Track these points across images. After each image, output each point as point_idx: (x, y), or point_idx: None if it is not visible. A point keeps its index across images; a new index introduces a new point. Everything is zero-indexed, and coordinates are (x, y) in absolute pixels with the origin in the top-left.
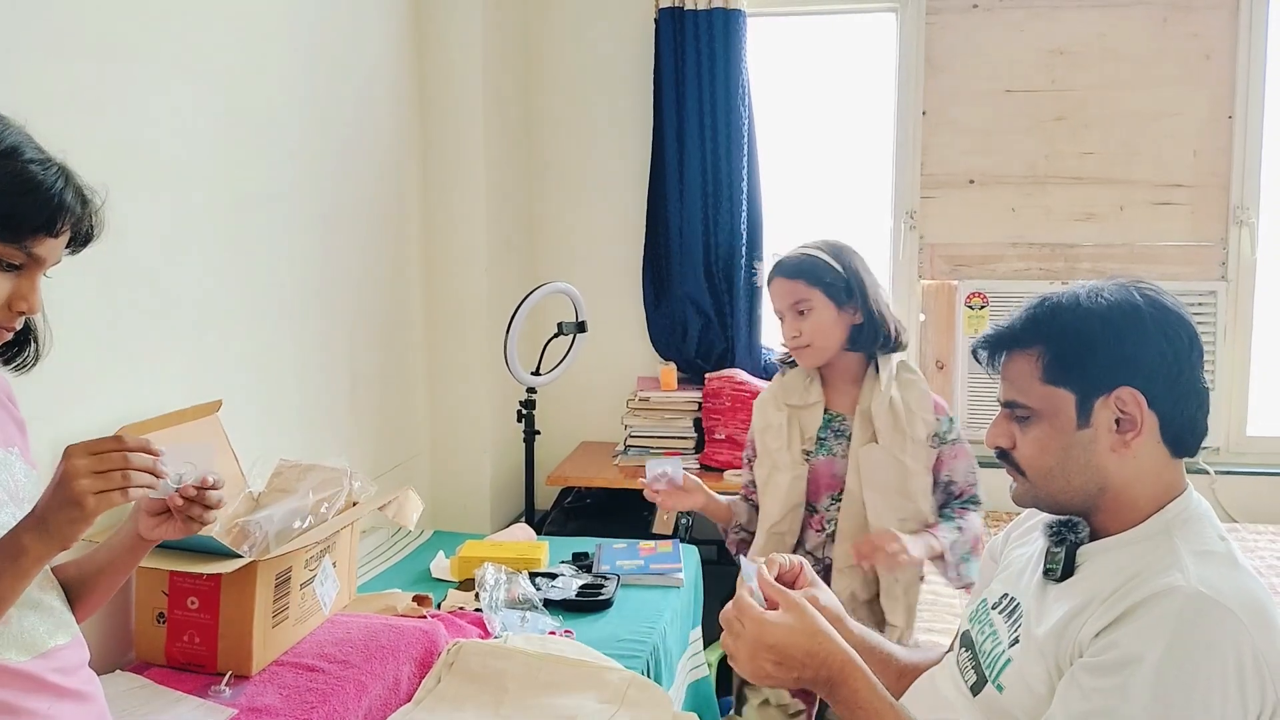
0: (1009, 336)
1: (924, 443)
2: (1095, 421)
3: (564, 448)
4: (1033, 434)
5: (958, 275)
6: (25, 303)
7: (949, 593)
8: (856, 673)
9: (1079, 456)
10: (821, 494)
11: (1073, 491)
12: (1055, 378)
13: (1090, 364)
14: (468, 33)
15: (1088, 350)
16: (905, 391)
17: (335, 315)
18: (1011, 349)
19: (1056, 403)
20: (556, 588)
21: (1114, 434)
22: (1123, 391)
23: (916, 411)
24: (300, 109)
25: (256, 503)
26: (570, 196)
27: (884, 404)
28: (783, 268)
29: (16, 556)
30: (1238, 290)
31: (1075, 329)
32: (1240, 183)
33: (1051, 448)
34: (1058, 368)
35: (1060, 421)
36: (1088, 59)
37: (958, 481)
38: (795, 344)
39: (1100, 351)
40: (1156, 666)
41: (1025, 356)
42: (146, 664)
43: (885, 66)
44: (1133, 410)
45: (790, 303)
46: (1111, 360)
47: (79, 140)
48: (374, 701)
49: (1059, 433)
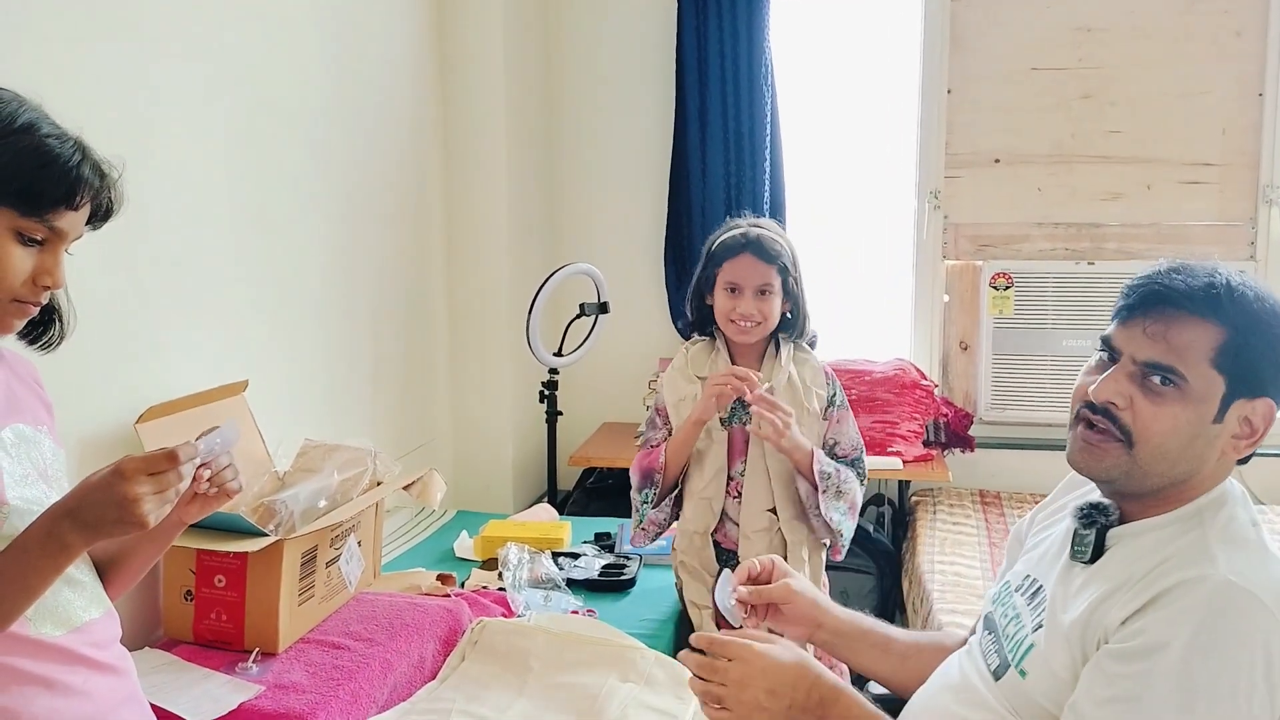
0: (1188, 296)
1: (818, 415)
2: (1227, 420)
3: (586, 428)
4: (1168, 409)
5: (982, 256)
6: (50, 277)
7: (971, 573)
8: (846, 694)
9: (1200, 448)
10: (735, 460)
11: (1167, 479)
12: (1224, 364)
13: (1260, 364)
14: (489, 15)
15: (1265, 350)
16: (800, 368)
17: (359, 296)
18: (1189, 311)
19: (1211, 388)
20: (579, 567)
21: (1231, 438)
22: (1262, 402)
23: (811, 386)
24: (324, 93)
25: (282, 482)
26: (592, 177)
27: (783, 379)
28: (757, 249)
29: (58, 554)
30: (1267, 270)
31: (1260, 324)
32: (1270, 161)
33: (1183, 430)
34: (1232, 354)
35: (1205, 409)
36: (1115, 36)
37: (842, 443)
38: (748, 320)
39: (1271, 353)
40: (1183, 654)
41: (1204, 327)
42: (174, 641)
43: (909, 44)
44: (1258, 422)
45: (758, 284)
46: (1273, 366)
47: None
48: (399, 679)
49: (1198, 419)
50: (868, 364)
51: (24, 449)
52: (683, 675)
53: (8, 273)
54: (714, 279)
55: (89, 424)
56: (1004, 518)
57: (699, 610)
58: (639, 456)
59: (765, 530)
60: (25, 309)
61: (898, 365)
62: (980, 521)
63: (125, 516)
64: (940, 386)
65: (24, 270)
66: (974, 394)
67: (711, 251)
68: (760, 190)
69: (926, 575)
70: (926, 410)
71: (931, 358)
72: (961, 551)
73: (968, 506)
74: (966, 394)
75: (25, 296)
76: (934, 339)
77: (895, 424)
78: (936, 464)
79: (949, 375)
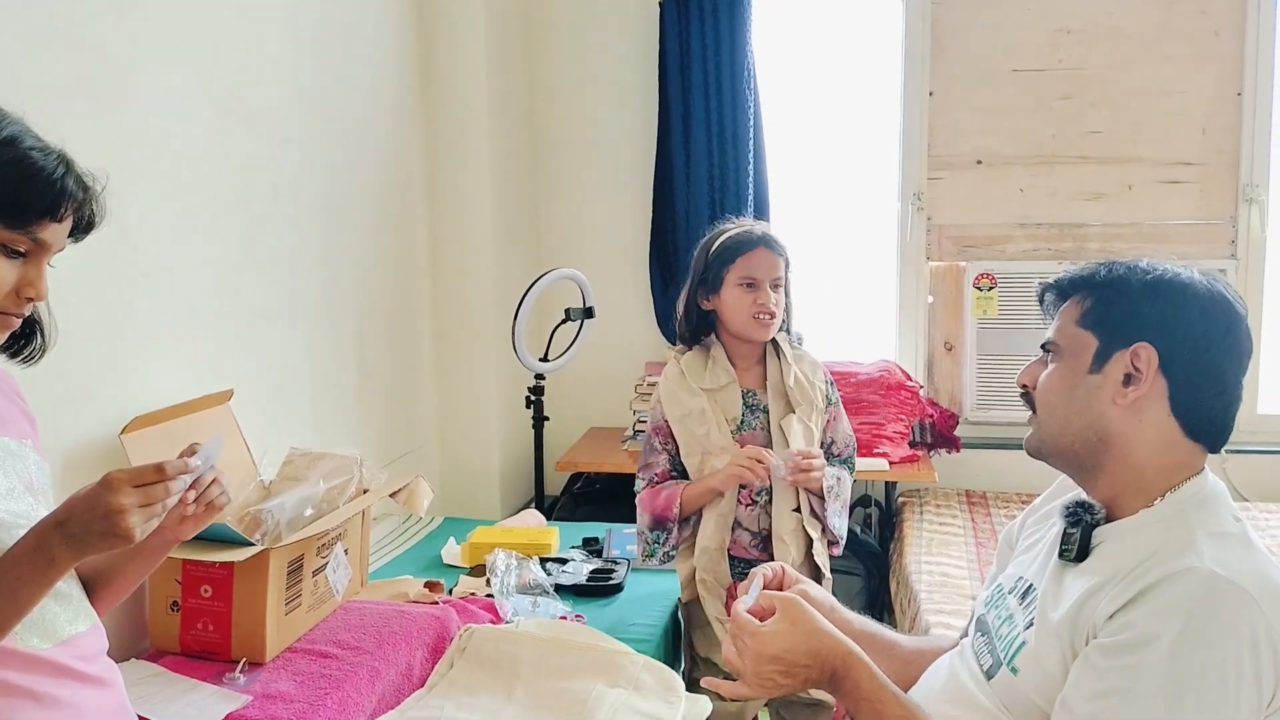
0: (1070, 281)
1: (822, 410)
2: (1107, 371)
3: (573, 433)
4: (1050, 372)
5: (965, 257)
6: (33, 289)
7: (959, 574)
8: (858, 664)
9: (1081, 398)
10: None
11: (1072, 435)
12: (1088, 322)
13: (1121, 315)
14: (472, 21)
15: (1123, 302)
16: (801, 364)
17: (344, 304)
18: (1069, 294)
19: (1080, 344)
20: (567, 573)
21: (1119, 386)
22: (1139, 346)
23: (815, 381)
24: (306, 102)
25: (268, 491)
26: (577, 182)
27: (793, 378)
28: (771, 243)
29: (46, 568)
30: (1248, 268)
31: (1122, 282)
32: (1250, 160)
33: (1060, 385)
34: (1093, 314)
35: (1077, 363)
36: (1095, 37)
37: (838, 441)
38: (767, 312)
39: (1134, 306)
40: (1171, 647)
41: (1074, 301)
42: (161, 652)
43: (891, 47)
44: (1143, 367)
45: (773, 276)
46: (1141, 316)
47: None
48: (387, 687)
49: (1071, 373)
50: (853, 365)
51: (9, 463)
52: (671, 680)
53: None
54: (722, 279)
55: (73, 436)
56: (990, 518)
57: (723, 626)
58: (647, 495)
59: (795, 531)
60: (8, 321)
61: (883, 366)
62: (967, 522)
63: (111, 529)
64: (925, 387)
65: (7, 282)
66: (959, 394)
67: (719, 251)
68: (744, 193)
69: (914, 576)
70: (912, 411)
71: (916, 359)
72: (948, 552)
73: (954, 507)
74: (951, 395)
75: (8, 308)
76: (919, 340)
77: (881, 425)
78: (923, 465)
79: (934, 376)
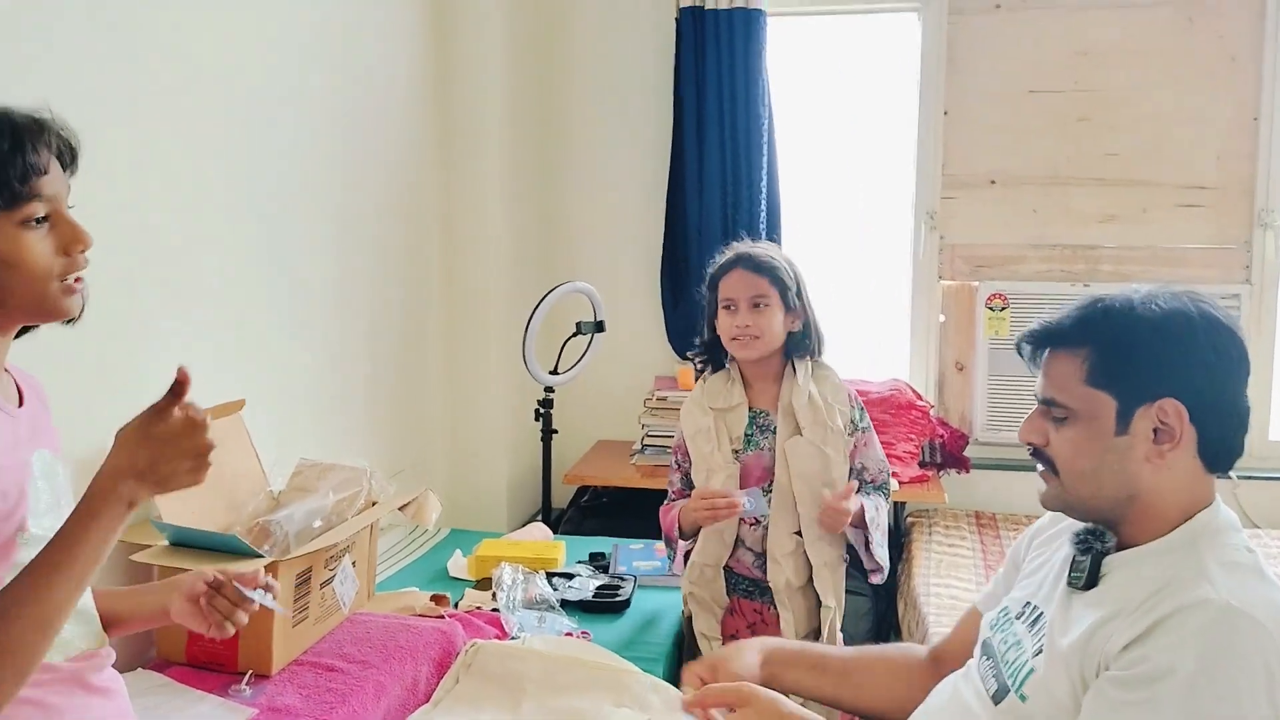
0: (1057, 334)
1: (842, 432)
2: (1134, 429)
3: (581, 446)
4: (1068, 434)
5: (978, 276)
6: (79, 241)
7: (967, 596)
8: None
9: (1114, 463)
10: (753, 488)
11: (1103, 498)
12: (1099, 381)
13: (1136, 371)
14: (488, 32)
15: (1135, 357)
16: (821, 385)
17: (354, 315)
18: (1057, 347)
19: (1097, 406)
20: (574, 588)
21: (1151, 444)
22: (1165, 403)
23: (834, 404)
24: (320, 113)
25: (277, 502)
26: (589, 196)
27: (804, 399)
28: (748, 262)
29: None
30: (1261, 293)
31: (1126, 334)
32: (1265, 185)
33: (1087, 451)
34: (1102, 371)
35: (1099, 426)
36: (1111, 60)
37: (870, 468)
38: (745, 334)
39: (1148, 359)
40: (1188, 680)
41: (1070, 356)
42: (167, 662)
43: (907, 66)
44: (1173, 422)
45: (749, 295)
46: (1158, 369)
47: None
48: (393, 702)
49: (1096, 437)
50: (864, 384)
51: (49, 476)
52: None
53: (38, 261)
54: (715, 304)
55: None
56: (1000, 539)
57: (708, 641)
58: (663, 510)
59: (792, 554)
60: (73, 286)
61: (894, 385)
62: (976, 543)
63: (200, 466)
64: (936, 407)
65: (48, 251)
66: (969, 415)
67: (709, 277)
68: (757, 210)
69: (922, 598)
70: (922, 431)
71: (927, 378)
72: (957, 574)
73: (963, 528)
74: (962, 415)
75: (66, 273)
76: (930, 359)
77: (891, 444)
78: (932, 485)
79: (945, 396)
